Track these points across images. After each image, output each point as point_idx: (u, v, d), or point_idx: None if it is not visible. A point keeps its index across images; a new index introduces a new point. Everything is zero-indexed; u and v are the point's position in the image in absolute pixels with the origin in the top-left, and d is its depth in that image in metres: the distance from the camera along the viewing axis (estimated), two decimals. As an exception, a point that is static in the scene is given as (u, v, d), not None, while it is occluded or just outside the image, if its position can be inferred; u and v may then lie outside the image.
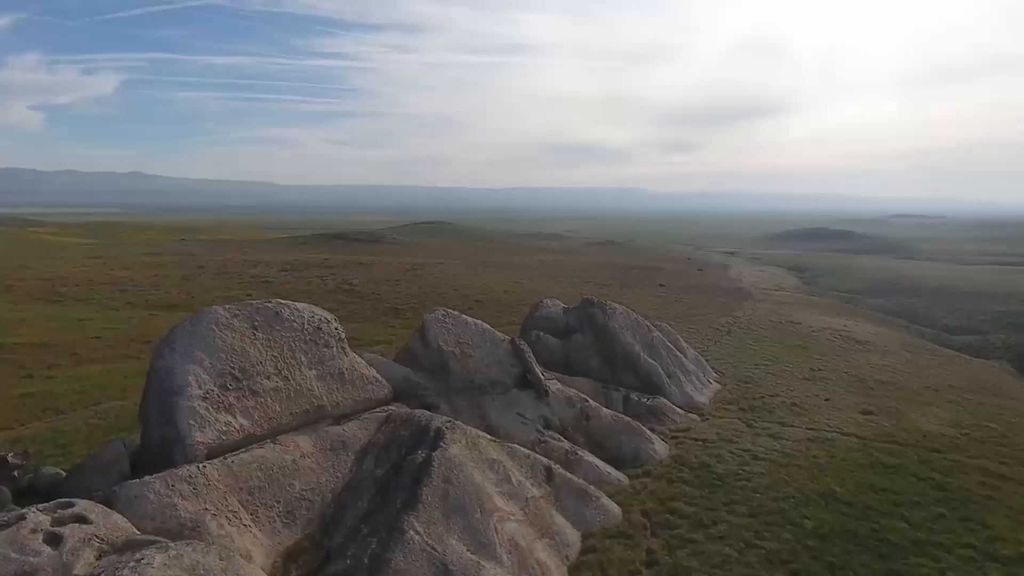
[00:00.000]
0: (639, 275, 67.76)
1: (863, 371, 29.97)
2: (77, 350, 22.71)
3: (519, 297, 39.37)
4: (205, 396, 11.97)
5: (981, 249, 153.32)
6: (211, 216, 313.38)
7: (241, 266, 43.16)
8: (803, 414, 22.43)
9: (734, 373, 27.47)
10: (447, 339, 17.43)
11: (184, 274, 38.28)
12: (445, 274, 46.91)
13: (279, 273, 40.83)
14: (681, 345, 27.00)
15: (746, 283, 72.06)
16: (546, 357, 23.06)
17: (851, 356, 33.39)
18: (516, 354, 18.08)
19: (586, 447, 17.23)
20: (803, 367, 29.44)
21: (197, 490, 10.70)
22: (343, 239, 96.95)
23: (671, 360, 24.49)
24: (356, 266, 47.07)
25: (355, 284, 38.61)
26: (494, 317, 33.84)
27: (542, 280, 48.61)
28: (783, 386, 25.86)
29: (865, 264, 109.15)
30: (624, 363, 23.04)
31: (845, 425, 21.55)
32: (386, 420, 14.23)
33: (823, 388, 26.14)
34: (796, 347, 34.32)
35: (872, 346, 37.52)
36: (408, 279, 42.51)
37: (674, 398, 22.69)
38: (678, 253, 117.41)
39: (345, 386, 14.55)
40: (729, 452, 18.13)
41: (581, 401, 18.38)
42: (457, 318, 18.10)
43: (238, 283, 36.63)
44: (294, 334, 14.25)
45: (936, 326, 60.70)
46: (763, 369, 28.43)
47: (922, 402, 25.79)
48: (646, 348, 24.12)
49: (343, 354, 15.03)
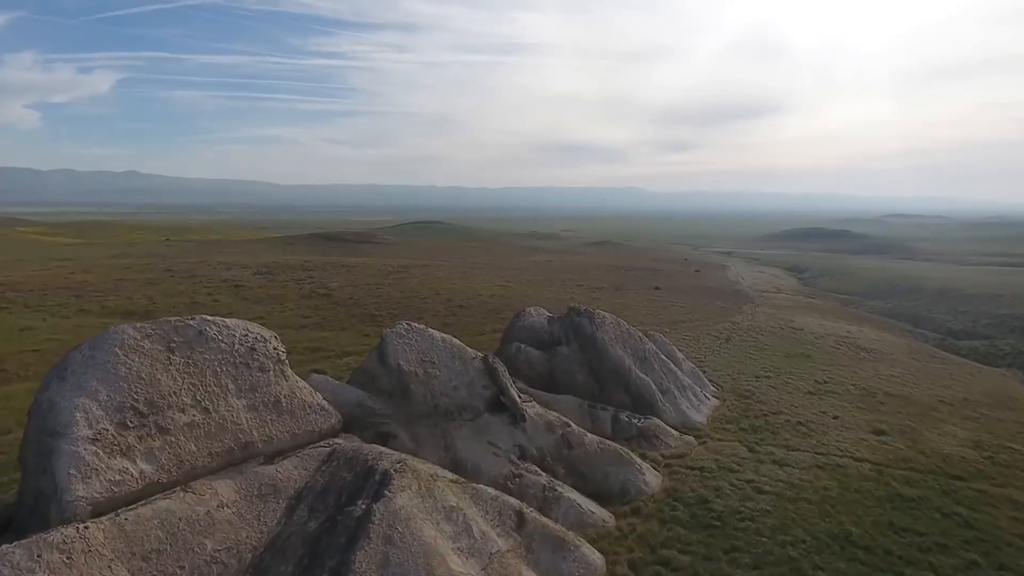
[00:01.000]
0: (634, 277, 65.74)
1: (871, 383, 27.98)
2: (6, 365, 20.56)
3: (506, 302, 37.31)
4: (96, 437, 9.87)
5: (980, 249, 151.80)
6: (206, 216, 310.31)
7: (214, 269, 40.99)
8: (810, 435, 20.40)
9: (734, 387, 25.45)
10: (409, 357, 15.34)
11: (151, 278, 36.10)
12: (430, 277, 44.82)
13: (253, 277, 38.71)
14: (676, 356, 24.96)
15: (744, 285, 70.13)
16: (527, 372, 21.03)
17: (857, 366, 31.40)
18: (489, 374, 16.01)
19: (567, 479, 15.18)
20: (807, 379, 27.42)
21: (73, 560, 8.60)
22: (333, 239, 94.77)
23: (665, 374, 22.44)
24: (338, 268, 44.95)
25: (332, 288, 36.51)
26: (477, 324, 31.83)
27: (532, 284, 46.56)
28: (787, 401, 23.84)
29: (864, 265, 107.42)
30: (613, 378, 20.99)
31: (857, 448, 19.53)
32: (328, 457, 12.15)
33: (830, 404, 24.11)
34: (799, 356, 32.32)
35: (878, 354, 35.54)
36: (390, 283, 40.41)
37: (668, 417, 20.65)
38: (675, 253, 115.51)
39: (282, 417, 12.46)
40: (729, 484, 16.08)
41: (563, 426, 16.31)
42: (422, 333, 16.02)
43: (206, 287, 34.49)
44: (220, 356, 12.16)
45: (940, 330, 58.83)
46: (765, 382, 26.40)
47: (937, 419, 23.81)
48: (638, 361, 22.07)
49: (282, 378, 12.93)
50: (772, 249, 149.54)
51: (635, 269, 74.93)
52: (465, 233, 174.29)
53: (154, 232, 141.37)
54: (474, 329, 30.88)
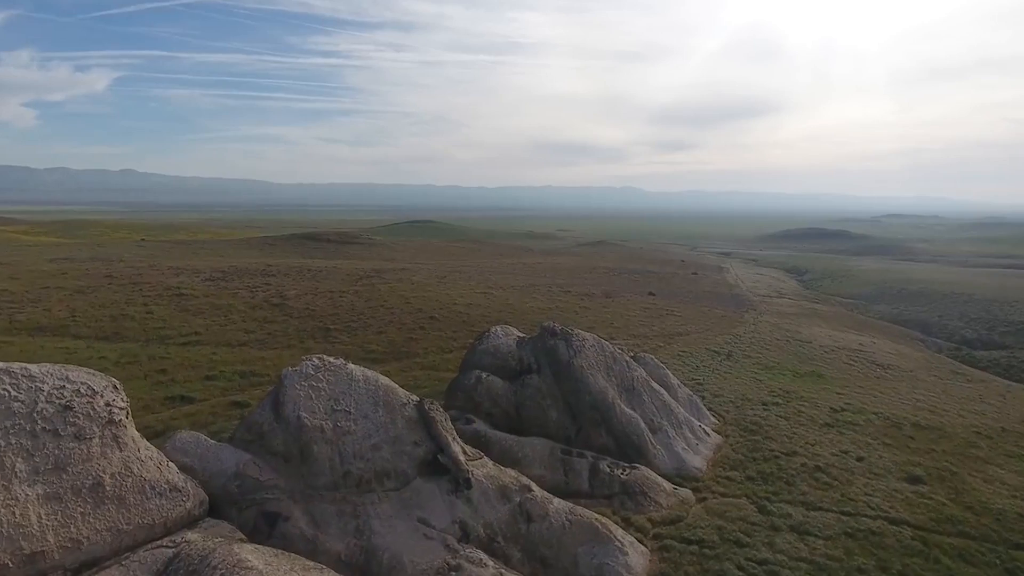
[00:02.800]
0: (628, 281, 62.08)
1: (894, 409, 24.34)
2: None
3: (483, 312, 33.63)
4: None
5: (982, 251, 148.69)
6: (200, 215, 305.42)
7: (162, 274, 37.17)
8: (832, 486, 16.73)
9: (738, 417, 21.78)
10: (315, 406, 11.61)
11: (84, 285, 32.25)
12: (405, 282, 41.09)
13: (203, 283, 34.89)
14: (671, 383, 21.27)
15: (744, 289, 66.56)
16: (489, 408, 17.33)
17: (875, 387, 27.78)
18: (424, 425, 12.30)
19: (523, 567, 11.50)
20: (822, 405, 23.77)
21: None
22: (316, 240, 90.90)
23: (657, 407, 18.76)
24: (302, 273, 41.19)
25: (288, 297, 32.74)
26: (446, 339, 28.12)
27: (515, 290, 42.82)
28: (801, 437, 20.17)
29: (866, 266, 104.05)
30: (593, 415, 17.29)
31: (891, 504, 15.88)
32: (169, 565, 8.44)
33: (851, 440, 20.46)
34: (810, 375, 28.68)
35: (896, 371, 31.95)
36: (357, 290, 36.64)
37: (660, 463, 16.98)
38: (672, 254, 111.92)
39: (103, 506, 8.74)
40: (737, 567, 12.40)
41: (521, 491, 12.60)
42: (337, 371, 12.28)
43: (144, 297, 30.68)
44: (9, 423, 8.41)
45: (954, 338, 55.36)
46: (774, 410, 22.73)
47: (978, 458, 20.19)
48: (624, 393, 18.39)
49: (111, 448, 9.20)
50: (771, 250, 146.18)
51: (629, 272, 71.29)
52: (458, 233, 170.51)
53: (139, 231, 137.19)
54: (441, 345, 27.19)
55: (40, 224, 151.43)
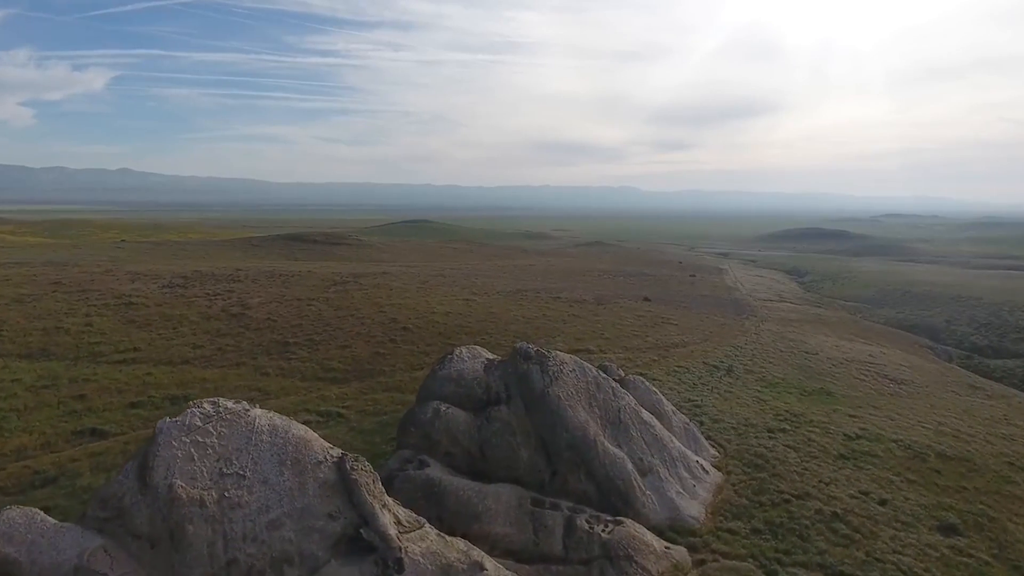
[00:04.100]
0: (623, 284, 59.46)
1: (915, 435, 21.72)
2: None
3: (462, 322, 30.97)
4: None
5: (983, 251, 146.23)
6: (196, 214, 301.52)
7: (117, 281, 34.38)
8: (854, 540, 14.12)
9: (740, 446, 19.15)
10: (195, 470, 8.95)
11: (25, 294, 29.51)
12: (383, 288, 38.39)
13: (160, 290, 32.12)
14: (664, 409, 18.63)
15: (743, 292, 63.97)
16: (448, 447, 14.69)
17: (891, 407, 25.15)
18: (345, 489, 9.64)
19: None
20: (835, 431, 21.14)
21: None
22: (302, 241, 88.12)
23: (647, 442, 16.12)
24: (272, 279, 38.46)
25: (250, 305, 30.03)
26: (418, 355, 25.44)
27: (501, 297, 40.13)
28: (813, 473, 17.55)
29: (867, 268, 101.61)
30: (571, 456, 14.66)
31: (925, 565, 13.28)
32: None
33: (871, 476, 17.84)
34: (818, 394, 26.07)
35: (911, 387, 29.35)
36: (329, 297, 33.93)
37: (650, 512, 14.36)
38: (669, 255, 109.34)
39: None
40: (744, 668, 9.78)
41: (470, 571, 9.95)
42: (233, 422, 9.61)
43: (89, 307, 27.95)
44: None
45: (963, 345, 52.87)
46: (780, 437, 20.09)
47: (1016, 497, 17.61)
48: (608, 427, 15.76)
49: None
50: (769, 250, 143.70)
51: (624, 275, 68.67)
52: (453, 233, 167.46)
53: (130, 231, 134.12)
54: (412, 361, 24.53)
55: (29, 224, 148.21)
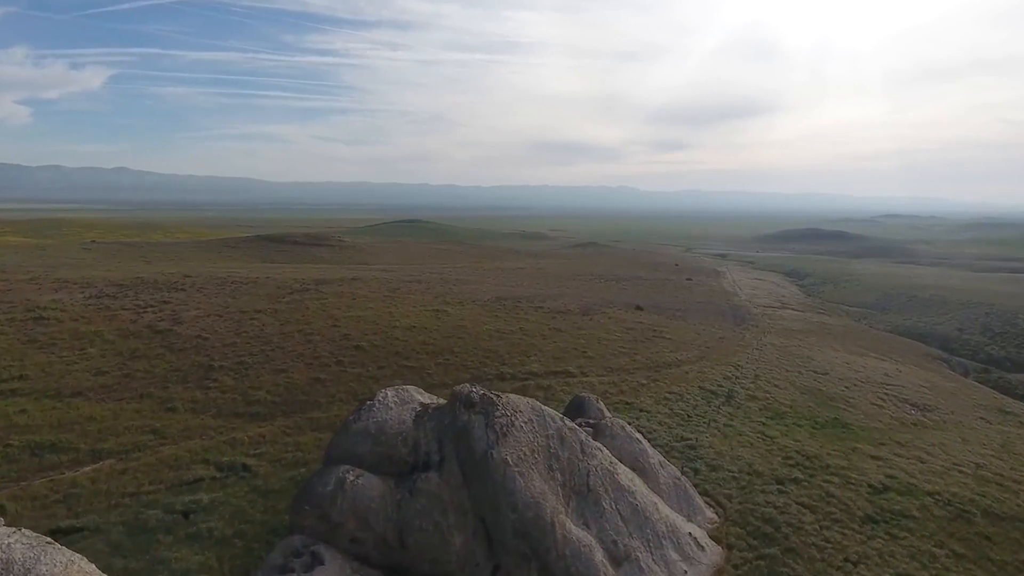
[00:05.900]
0: (614, 290, 55.73)
1: (953, 483, 18.04)
2: None
3: (426, 338, 27.24)
4: None
5: (986, 252, 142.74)
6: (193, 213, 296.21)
7: (41, 289, 30.55)
8: (900, 662, 10.45)
9: (744, 506, 15.45)
10: None
11: (-78, 306, 25.66)
12: (344, 297, 34.63)
13: (84, 302, 28.31)
14: (649, 463, 14.90)
15: (743, 298, 60.33)
16: (355, 531, 10.97)
17: (919, 443, 21.46)
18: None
19: None
20: (857, 480, 17.45)
21: None
22: (281, 242, 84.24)
23: (624, 516, 12.42)
24: (224, 286, 34.67)
25: (183, 320, 26.28)
26: (365, 380, 21.66)
27: (477, 306, 36.36)
28: (836, 547, 13.86)
29: (868, 270, 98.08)
30: (519, 544, 10.93)
31: None
32: None
33: (908, 548, 14.16)
34: (833, 426, 22.37)
35: (936, 414, 25.70)
36: (278, 308, 30.15)
37: (624, 622, 10.65)
38: (665, 256, 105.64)
39: None
40: None
41: None
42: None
43: (-9, 322, 24.14)
44: None
45: (979, 356, 49.30)
46: (792, 492, 16.39)
47: (1092, 576, 13.97)
48: (573, 497, 12.05)
49: None
50: (768, 251, 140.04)
51: (617, 279, 64.96)
52: (445, 233, 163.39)
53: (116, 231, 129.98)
54: (356, 389, 20.76)
55: (11, 223, 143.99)
